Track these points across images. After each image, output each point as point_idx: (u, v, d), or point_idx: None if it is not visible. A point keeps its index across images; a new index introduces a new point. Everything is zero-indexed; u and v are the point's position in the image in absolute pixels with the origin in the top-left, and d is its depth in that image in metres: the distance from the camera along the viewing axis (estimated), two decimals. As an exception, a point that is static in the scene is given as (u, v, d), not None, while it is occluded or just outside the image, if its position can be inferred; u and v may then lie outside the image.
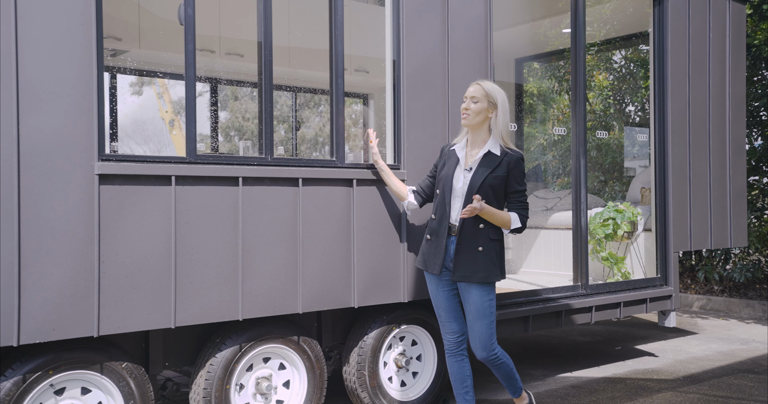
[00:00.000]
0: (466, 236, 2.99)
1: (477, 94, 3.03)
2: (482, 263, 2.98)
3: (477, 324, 3.02)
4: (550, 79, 8.56)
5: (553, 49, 7.62)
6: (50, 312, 2.48)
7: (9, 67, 2.41)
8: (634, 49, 7.72)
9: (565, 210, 6.00)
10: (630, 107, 8.62)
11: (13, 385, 2.48)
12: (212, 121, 5.50)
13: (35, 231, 2.45)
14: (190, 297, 2.81)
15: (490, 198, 2.99)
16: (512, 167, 3.02)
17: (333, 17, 3.32)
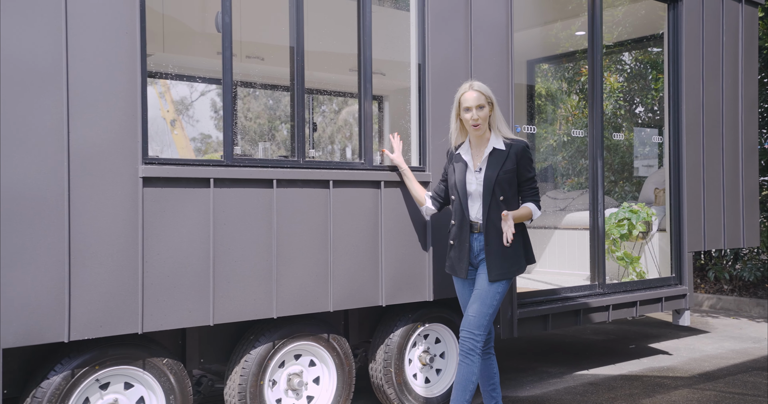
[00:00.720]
0: (492, 235, 3.06)
1: (481, 100, 3.07)
2: (512, 257, 3.06)
3: (476, 304, 3.05)
4: (560, 80, 8.64)
5: (563, 51, 7.71)
6: (97, 309, 2.58)
7: (59, 75, 2.51)
8: (644, 51, 7.79)
9: (578, 211, 6.08)
10: (639, 108, 8.69)
11: (63, 380, 2.58)
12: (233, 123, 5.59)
13: (84, 232, 2.55)
14: (227, 295, 2.90)
15: (506, 193, 3.06)
16: (520, 157, 3.08)
17: (361, 23, 3.41)
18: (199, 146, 9.69)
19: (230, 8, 2.95)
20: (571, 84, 8.53)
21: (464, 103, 3.08)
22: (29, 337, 2.44)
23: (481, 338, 3.02)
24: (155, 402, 2.84)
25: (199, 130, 10.82)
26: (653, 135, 8.08)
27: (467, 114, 3.08)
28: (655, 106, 8.22)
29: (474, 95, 3.06)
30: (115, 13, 2.62)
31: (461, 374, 3.04)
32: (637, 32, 7.00)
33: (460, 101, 3.10)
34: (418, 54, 3.63)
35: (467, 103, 3.07)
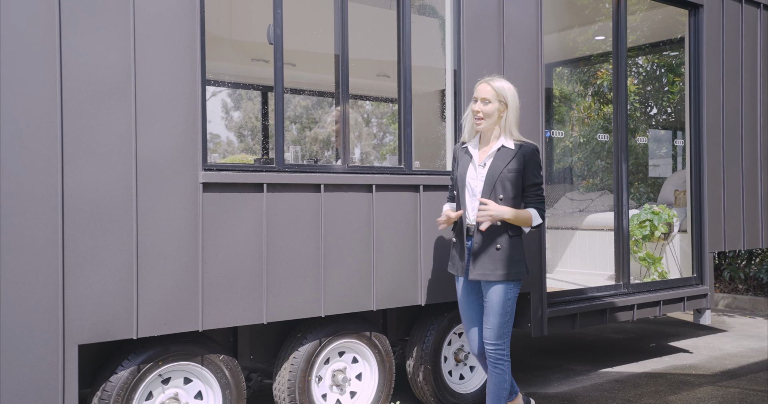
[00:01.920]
0: (484, 235, 2.96)
1: (489, 95, 2.98)
2: (502, 261, 2.94)
3: (489, 318, 3.01)
4: (575, 83, 8.76)
5: (581, 55, 7.83)
6: (162, 308, 2.73)
7: (128, 88, 2.65)
8: (661, 55, 7.90)
9: (598, 212, 6.21)
10: (654, 111, 8.80)
11: (130, 374, 2.73)
12: (264, 127, 5.75)
13: (149, 235, 2.70)
14: (278, 295, 3.04)
15: (507, 193, 2.95)
16: (528, 159, 2.98)
17: (401, 33, 3.54)
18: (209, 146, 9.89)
19: (281, 21, 3.09)
20: (587, 86, 8.65)
21: (475, 92, 3.05)
22: (101, 334, 2.59)
23: (506, 344, 3.02)
24: (212, 397, 2.98)
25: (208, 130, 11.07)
26: (667, 137, 8.19)
27: (474, 105, 3.02)
28: (670, 108, 8.33)
29: (486, 88, 2.99)
30: (178, 28, 2.77)
31: (493, 383, 3.05)
32: (654, 36, 7.12)
33: (474, 91, 3.07)
34: (454, 60, 3.76)
35: (476, 93, 3.03)
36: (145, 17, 2.69)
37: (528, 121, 4.01)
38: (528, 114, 4.02)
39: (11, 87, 2.41)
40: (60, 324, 2.50)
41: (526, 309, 4.04)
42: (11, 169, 2.41)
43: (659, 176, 7.95)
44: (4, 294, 2.39)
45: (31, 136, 2.45)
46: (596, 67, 8.49)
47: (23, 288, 2.43)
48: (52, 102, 2.49)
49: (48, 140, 2.48)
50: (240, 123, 16.26)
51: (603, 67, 8.62)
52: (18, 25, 2.42)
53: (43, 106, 2.47)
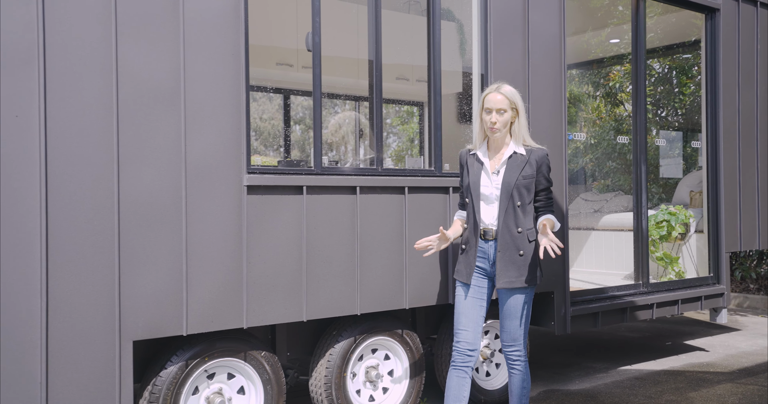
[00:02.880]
0: (506, 241, 2.98)
1: (503, 104, 2.97)
2: (525, 267, 2.98)
3: (508, 321, 3.05)
4: (587, 85, 8.85)
5: (594, 58, 7.93)
6: (209, 306, 2.83)
7: (177, 95, 2.76)
8: (673, 58, 7.99)
9: (613, 213, 6.30)
10: (664, 112, 8.89)
11: (179, 370, 2.84)
12: (287, 130, 5.85)
13: (197, 235, 2.80)
14: (317, 293, 3.15)
15: (524, 199, 2.99)
16: (540, 164, 3.01)
17: (431, 38, 3.65)
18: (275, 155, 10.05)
19: (320, 29, 3.19)
20: (597, 88, 8.75)
21: (486, 104, 2.99)
22: (154, 331, 2.70)
23: (522, 346, 3.07)
24: (254, 392, 3.09)
25: (278, 140, 11.23)
26: (678, 139, 8.28)
27: (487, 116, 2.99)
28: (681, 110, 8.42)
29: (498, 98, 2.97)
30: (223, 37, 2.87)
31: (514, 383, 3.10)
32: (668, 39, 7.21)
33: (483, 101, 3.01)
34: (481, 65, 3.86)
35: (489, 104, 2.98)
36: (194, 27, 2.79)
37: (551, 124, 4.12)
38: (551, 117, 4.12)
39: (72, 95, 2.52)
40: (116, 321, 2.61)
41: (550, 308, 4.14)
42: (71, 173, 2.52)
43: (670, 177, 8.04)
44: (66, 292, 2.50)
45: (90, 141, 2.56)
46: (608, 70, 8.59)
47: (83, 287, 2.54)
48: (109, 109, 2.60)
49: (105, 145, 2.59)
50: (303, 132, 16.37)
51: (615, 69, 8.72)
52: (79, 36, 2.53)
53: (101, 112, 2.58)
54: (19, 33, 2.41)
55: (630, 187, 8.60)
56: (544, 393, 4.27)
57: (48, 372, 2.46)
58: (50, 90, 2.47)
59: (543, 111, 4.07)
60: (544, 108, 4.07)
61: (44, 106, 2.46)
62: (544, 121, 4.08)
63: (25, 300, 2.42)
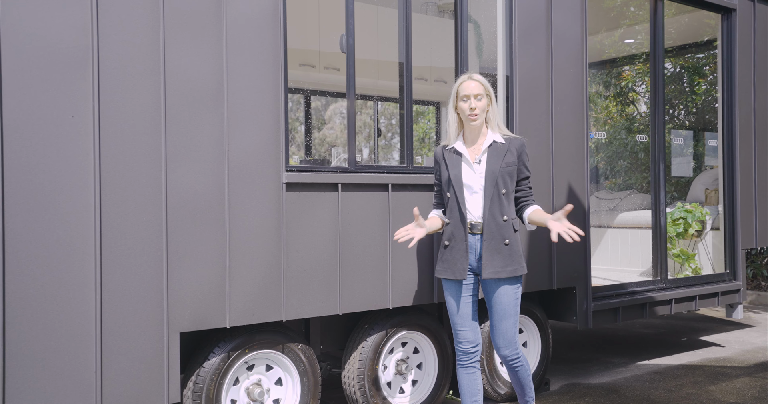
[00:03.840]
0: (491, 230, 2.92)
1: (479, 90, 2.94)
2: (510, 256, 2.92)
3: (502, 322, 2.95)
4: (599, 85, 8.93)
5: (608, 58, 8.00)
6: (250, 299, 2.93)
7: (220, 95, 2.86)
8: (687, 58, 8.06)
9: (628, 211, 6.38)
10: (675, 111, 8.96)
11: (221, 361, 2.94)
12: (308, 129, 5.96)
13: (239, 231, 2.90)
14: (351, 288, 3.25)
15: (508, 187, 2.95)
16: (520, 152, 2.99)
17: (459, 43, 3.74)
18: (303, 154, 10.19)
19: (353, 31, 3.29)
20: (608, 87, 8.83)
21: (462, 91, 2.95)
22: (199, 323, 2.80)
23: (517, 345, 3.01)
24: (290, 383, 3.19)
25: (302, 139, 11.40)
26: (690, 137, 8.36)
27: (464, 103, 2.95)
28: (693, 109, 8.49)
29: (473, 84, 2.94)
30: (263, 39, 2.97)
31: (516, 378, 3.07)
32: (681, 39, 7.28)
33: (458, 91, 2.97)
34: (506, 66, 3.95)
35: (465, 91, 2.94)
36: (235, 30, 2.89)
37: (573, 122, 4.20)
38: (573, 116, 4.21)
39: (123, 96, 2.62)
40: (164, 313, 2.71)
41: (572, 303, 4.23)
42: (122, 171, 2.62)
43: (681, 176, 8.12)
44: (117, 286, 2.60)
45: (140, 140, 2.66)
46: (620, 70, 8.67)
47: (133, 280, 2.64)
48: (157, 109, 2.70)
49: (154, 144, 2.69)
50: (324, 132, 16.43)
51: (626, 69, 8.79)
52: (129, 40, 2.63)
53: (149, 112, 2.68)
54: (75, 37, 2.51)
55: (642, 186, 8.70)
56: (566, 387, 4.36)
57: (102, 362, 2.56)
58: (103, 91, 2.58)
59: (565, 110, 4.16)
60: (566, 107, 4.16)
61: (98, 107, 2.56)
62: (567, 120, 4.16)
63: (81, 293, 2.53)
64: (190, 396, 2.89)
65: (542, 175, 4.04)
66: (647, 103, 9.53)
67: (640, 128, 9.04)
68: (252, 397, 3.07)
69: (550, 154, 4.08)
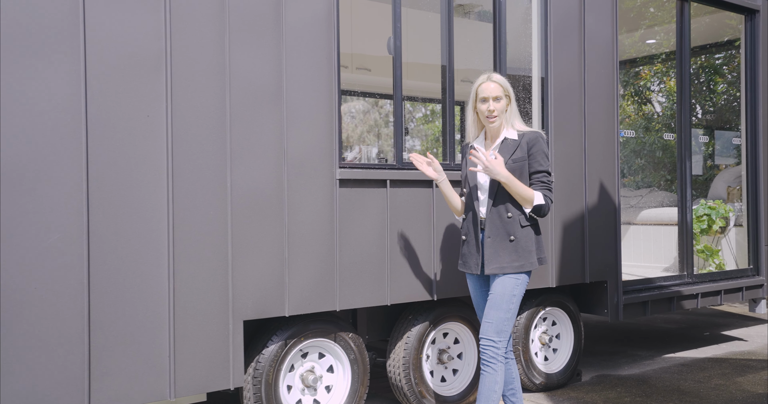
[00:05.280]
0: (495, 227, 2.91)
1: (498, 92, 2.93)
2: (516, 252, 2.88)
3: (491, 311, 2.90)
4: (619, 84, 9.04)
5: (628, 58, 8.12)
6: (306, 289, 3.09)
7: (280, 96, 3.01)
8: (707, 57, 8.17)
9: (650, 208, 6.51)
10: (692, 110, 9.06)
11: (279, 348, 3.09)
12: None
13: (296, 224, 3.06)
14: (398, 280, 3.40)
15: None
16: (531, 146, 2.92)
17: (497, 45, 3.88)
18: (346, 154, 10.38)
19: (400, 33, 3.44)
20: (626, 87, 8.94)
21: (481, 93, 2.95)
22: (260, 311, 2.96)
23: (502, 344, 2.88)
24: (341, 371, 3.34)
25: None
26: (706, 135, 8.47)
27: (483, 105, 2.94)
28: (712, 108, 8.59)
29: (492, 86, 2.93)
30: (318, 43, 3.12)
31: (484, 384, 2.88)
32: (701, 39, 7.39)
33: (477, 92, 2.96)
34: (541, 68, 4.09)
35: (484, 93, 2.94)
36: (293, 34, 3.05)
37: (604, 122, 4.34)
38: (604, 114, 4.34)
39: (192, 96, 2.78)
40: (229, 302, 2.86)
41: (603, 297, 4.36)
42: (191, 167, 2.78)
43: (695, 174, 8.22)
44: (187, 276, 2.76)
45: (207, 138, 2.82)
46: (638, 69, 8.78)
47: (201, 271, 2.80)
48: (222, 109, 2.86)
49: (219, 142, 2.85)
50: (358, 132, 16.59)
51: (645, 69, 8.90)
52: (198, 44, 2.79)
53: (215, 112, 2.84)
54: (151, 42, 2.67)
55: (660, 183, 8.81)
56: (596, 378, 4.49)
57: (175, 346, 2.72)
58: (175, 92, 2.73)
59: (596, 109, 4.29)
60: (597, 106, 4.30)
61: (170, 107, 2.72)
62: (598, 119, 4.30)
63: (156, 283, 2.68)
64: (250, 381, 3.05)
65: (575, 172, 4.18)
66: (660, 102, 9.65)
67: (657, 127, 9.15)
68: (306, 383, 3.23)
69: (582, 152, 4.21)
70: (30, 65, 2.43)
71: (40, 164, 2.45)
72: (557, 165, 4.09)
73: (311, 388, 3.25)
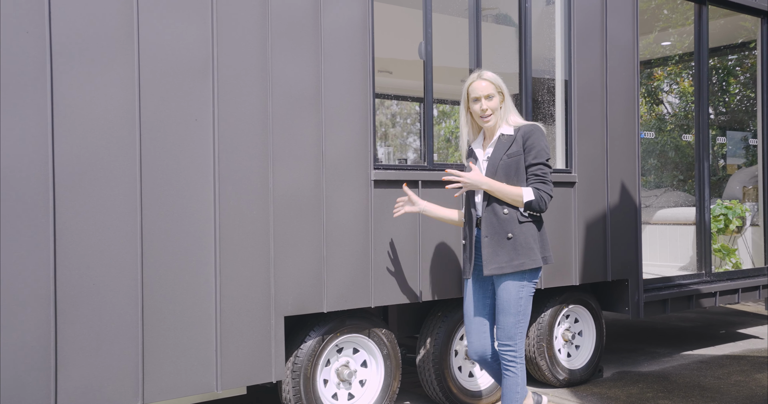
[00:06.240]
0: (491, 226, 2.82)
1: (490, 90, 2.85)
2: (515, 250, 2.78)
3: (500, 316, 2.85)
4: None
5: (641, 59, 8.20)
6: (342, 286, 3.20)
7: (318, 100, 3.12)
8: (723, 58, 8.24)
9: (665, 208, 6.59)
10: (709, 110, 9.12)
11: (316, 343, 3.20)
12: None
13: (333, 224, 3.17)
14: (430, 277, 3.50)
15: (511, 179, 2.81)
16: (526, 139, 2.83)
17: (523, 49, 3.98)
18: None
19: (431, 38, 3.54)
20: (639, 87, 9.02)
21: (472, 93, 2.87)
22: (300, 308, 3.07)
23: (519, 346, 2.85)
24: (374, 366, 3.45)
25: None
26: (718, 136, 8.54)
27: (476, 105, 2.86)
28: (726, 109, 8.67)
29: (482, 84, 2.85)
30: (354, 48, 3.23)
31: (506, 386, 2.88)
32: (715, 41, 7.46)
33: (468, 92, 2.89)
34: (564, 71, 4.19)
35: (475, 92, 2.86)
36: (330, 40, 3.16)
37: (625, 123, 4.43)
38: (625, 116, 4.43)
39: (237, 101, 2.89)
40: (271, 299, 2.98)
41: (624, 295, 4.46)
42: (236, 169, 2.89)
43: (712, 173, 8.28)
44: (231, 274, 2.87)
45: (251, 141, 2.93)
46: (650, 71, 8.86)
47: (244, 269, 2.91)
48: (264, 112, 2.97)
49: (262, 144, 2.96)
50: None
51: (660, 69, 8.98)
52: (242, 50, 2.90)
53: (258, 116, 2.95)
54: (198, 49, 2.79)
55: (672, 183, 8.89)
56: (617, 374, 4.59)
57: (221, 341, 2.83)
58: (220, 97, 2.85)
59: (618, 110, 4.38)
60: (619, 108, 4.39)
61: (216, 111, 2.83)
62: (619, 121, 4.39)
63: (204, 280, 2.80)
64: (289, 375, 3.16)
65: (598, 172, 4.27)
66: (672, 103, 9.72)
67: (669, 127, 9.23)
68: (341, 378, 3.34)
69: (605, 152, 4.31)
70: (88, 72, 2.55)
71: (97, 166, 2.56)
72: (580, 165, 4.19)
73: (346, 382, 3.36)
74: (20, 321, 2.40)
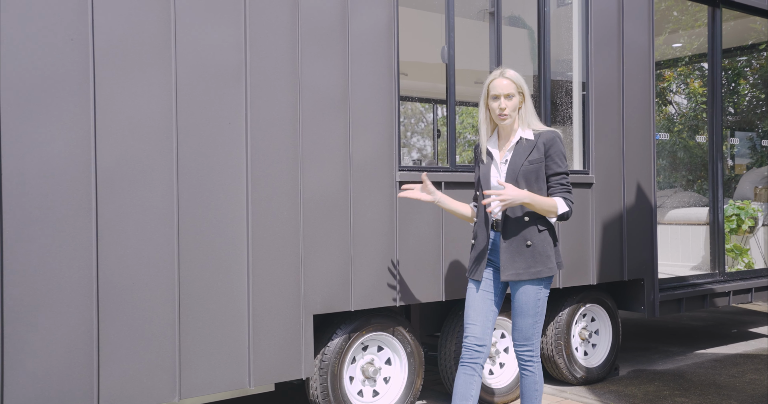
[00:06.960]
0: (511, 232, 2.80)
1: (510, 89, 2.79)
2: (532, 257, 2.78)
3: (518, 319, 2.86)
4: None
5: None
6: (369, 285, 3.27)
7: (345, 103, 3.19)
8: (733, 60, 8.29)
9: (676, 208, 6.65)
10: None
11: (343, 341, 3.27)
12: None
13: (360, 225, 3.24)
14: (452, 278, 3.57)
15: (531, 186, 2.79)
16: (548, 147, 2.80)
17: (542, 51, 4.04)
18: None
19: (454, 43, 3.61)
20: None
21: (492, 90, 2.81)
22: (328, 306, 3.14)
23: (536, 345, 2.87)
24: (398, 363, 3.52)
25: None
26: (728, 137, 8.58)
27: (494, 102, 2.81)
28: (736, 109, 8.72)
29: (504, 83, 2.79)
30: (380, 52, 3.30)
31: (524, 385, 2.90)
32: (725, 42, 7.51)
33: (489, 88, 2.83)
34: (582, 73, 4.25)
35: (495, 90, 2.80)
36: (357, 45, 3.23)
37: (641, 125, 4.49)
38: (641, 118, 4.50)
39: (267, 105, 2.96)
40: (300, 298, 3.05)
41: (640, 294, 4.52)
42: (267, 171, 2.96)
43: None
44: (263, 273, 2.94)
45: (281, 144, 3.00)
46: (660, 72, 8.91)
47: (275, 269, 2.98)
48: (294, 116, 3.04)
49: (292, 147, 3.03)
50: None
51: (669, 70, 9.03)
52: (273, 55, 2.98)
53: (288, 119, 3.02)
54: (231, 54, 2.86)
55: (682, 183, 8.93)
56: (633, 373, 4.65)
57: (253, 338, 2.90)
58: (252, 101, 2.92)
59: (634, 113, 4.45)
60: (635, 110, 4.45)
61: (248, 115, 2.91)
62: (636, 123, 4.45)
63: (237, 279, 2.87)
64: (317, 372, 3.23)
65: (614, 173, 4.33)
66: (680, 103, 9.76)
67: (678, 128, 9.28)
68: (366, 375, 3.41)
69: (621, 154, 4.37)
70: (128, 78, 2.62)
71: (136, 169, 2.64)
72: (597, 166, 4.25)
73: (371, 379, 3.43)
74: (67, 320, 2.48)
